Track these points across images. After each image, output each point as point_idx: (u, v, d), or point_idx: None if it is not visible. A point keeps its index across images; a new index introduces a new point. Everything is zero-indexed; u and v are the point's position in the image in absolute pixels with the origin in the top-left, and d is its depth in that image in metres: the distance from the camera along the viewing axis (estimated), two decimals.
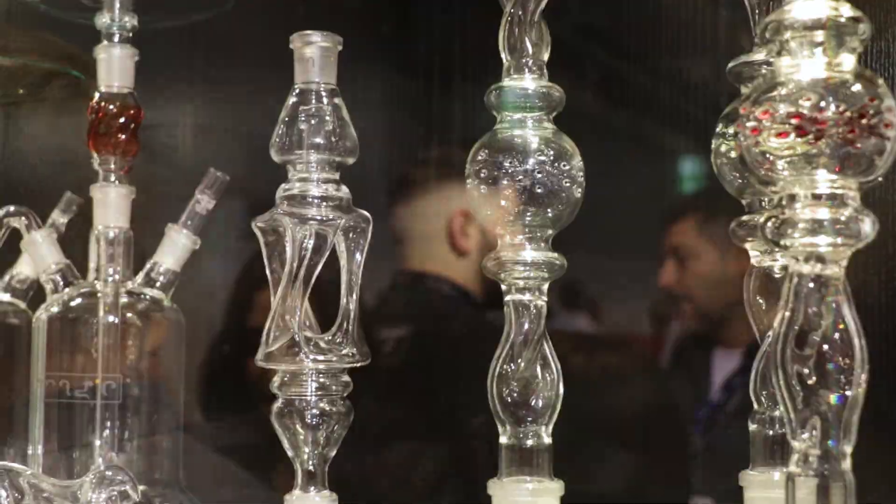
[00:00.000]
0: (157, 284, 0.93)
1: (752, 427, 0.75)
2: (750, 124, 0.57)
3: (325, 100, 0.77)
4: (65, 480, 0.77)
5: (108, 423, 0.90)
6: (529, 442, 0.72)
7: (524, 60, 0.74)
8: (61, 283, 0.94)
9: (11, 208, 0.95)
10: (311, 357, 0.75)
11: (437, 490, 1.12)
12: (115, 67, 0.93)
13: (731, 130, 0.75)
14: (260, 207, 1.07)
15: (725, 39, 1.07)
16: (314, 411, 0.76)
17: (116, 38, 0.93)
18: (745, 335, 1.05)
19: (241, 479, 1.08)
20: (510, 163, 0.72)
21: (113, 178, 0.93)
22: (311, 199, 0.76)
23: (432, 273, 1.19)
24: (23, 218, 0.96)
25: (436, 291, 1.18)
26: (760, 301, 0.76)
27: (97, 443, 0.89)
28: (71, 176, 1.21)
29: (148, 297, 0.93)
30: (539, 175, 0.71)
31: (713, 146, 0.76)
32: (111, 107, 0.92)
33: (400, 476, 1.09)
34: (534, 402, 0.72)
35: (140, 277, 0.93)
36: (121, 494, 0.74)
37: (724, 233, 0.91)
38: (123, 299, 0.91)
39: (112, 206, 0.93)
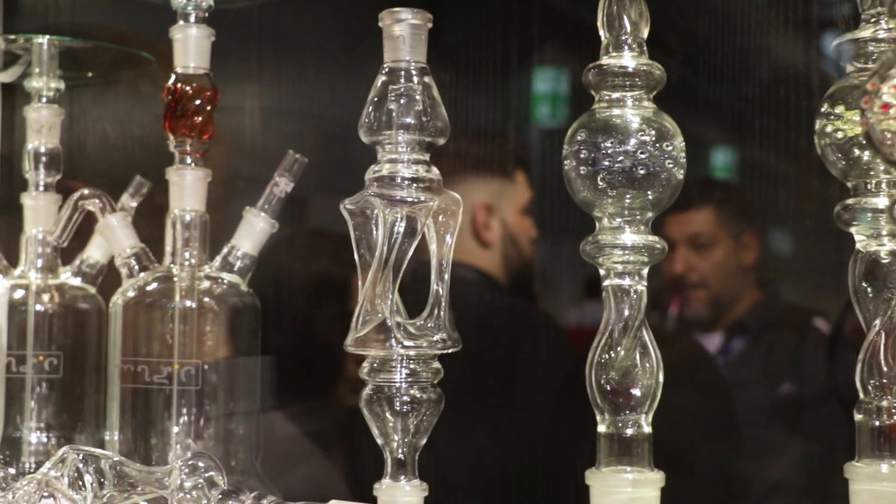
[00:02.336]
0: (235, 269, 0.91)
1: (858, 417, 0.73)
2: (880, 101, 0.54)
3: (415, 78, 0.75)
4: (151, 467, 0.75)
5: (185, 410, 0.89)
6: (629, 431, 0.70)
7: (623, 37, 0.71)
8: (136, 267, 0.93)
9: (86, 191, 0.94)
10: (402, 343, 0.73)
11: (476, 473, 1.10)
12: (191, 48, 0.91)
13: (837, 110, 0.72)
14: (328, 191, 1.06)
15: (756, 23, 1.04)
16: (404, 398, 0.74)
17: (192, 19, 0.92)
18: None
19: (316, 466, 1.07)
20: (610, 143, 0.70)
21: (189, 161, 0.92)
22: (400, 181, 0.74)
23: (457, 261, 1.17)
24: (97, 201, 0.94)
25: (461, 278, 1.16)
26: (866, 287, 0.73)
27: (174, 429, 0.88)
28: (138, 160, 1.20)
29: (225, 281, 0.91)
30: (641, 156, 0.69)
31: (817, 127, 0.74)
32: (187, 88, 0.91)
33: (446, 459, 1.07)
34: (633, 390, 0.70)
35: (217, 261, 0.92)
36: (208, 482, 0.72)
37: (738, 222, 0.89)
38: (201, 284, 0.90)
39: (188, 188, 0.92)
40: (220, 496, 0.71)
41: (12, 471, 0.91)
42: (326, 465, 1.07)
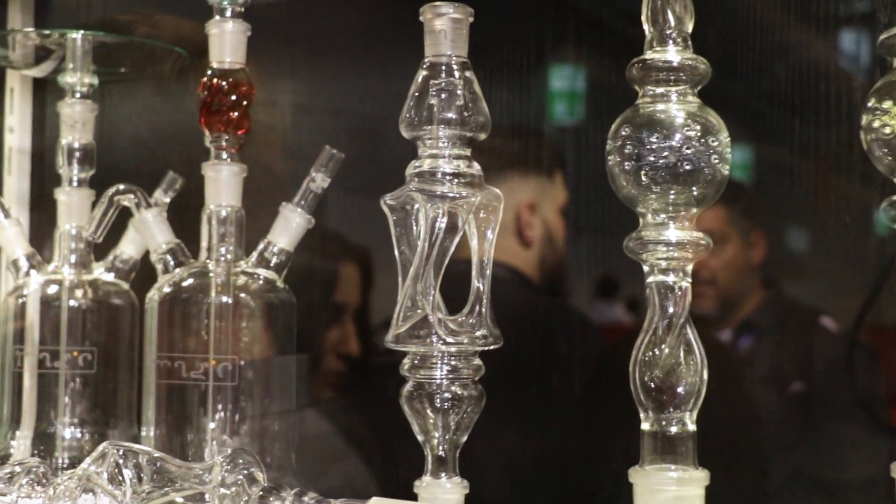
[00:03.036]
0: (271, 264, 0.91)
1: None
2: None
3: (456, 73, 0.74)
4: (191, 462, 0.75)
5: (220, 406, 0.88)
6: (673, 429, 0.69)
7: (667, 32, 0.71)
8: (172, 262, 0.92)
9: (121, 186, 0.94)
10: (443, 339, 0.72)
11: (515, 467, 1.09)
12: (226, 43, 0.91)
13: (884, 105, 0.71)
14: (360, 186, 1.06)
15: (776, 19, 1.03)
16: (445, 395, 0.73)
17: (228, 13, 0.91)
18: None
19: (351, 462, 1.07)
20: (655, 139, 0.69)
21: (225, 156, 0.91)
22: (441, 176, 0.74)
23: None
24: (132, 196, 0.94)
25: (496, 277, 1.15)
26: None
27: (210, 426, 0.88)
28: (168, 155, 1.20)
29: (261, 277, 0.91)
30: (687, 151, 0.68)
31: (863, 122, 0.73)
32: (223, 83, 0.91)
33: (480, 456, 1.07)
34: (677, 387, 0.70)
35: (253, 257, 0.91)
36: (248, 478, 0.72)
37: (747, 219, 0.87)
38: (237, 280, 0.89)
39: (224, 184, 0.91)
40: (261, 493, 0.71)
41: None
42: (358, 463, 1.07)
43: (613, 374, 0.98)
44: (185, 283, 0.90)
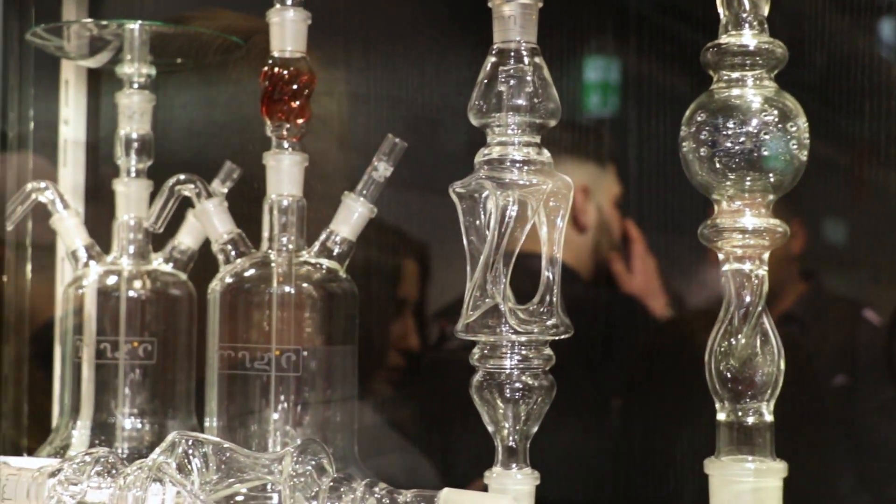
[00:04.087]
0: (334, 254, 0.90)
1: None
2: None
3: (525, 59, 0.73)
4: (261, 453, 0.75)
5: (283, 396, 0.88)
6: (750, 419, 0.68)
7: (743, 15, 0.69)
8: (233, 253, 0.92)
9: (182, 177, 0.93)
10: (513, 329, 0.71)
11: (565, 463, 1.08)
12: (287, 32, 0.90)
13: None
14: (416, 175, 1.05)
15: (812, 8, 1.01)
16: (516, 385, 0.72)
17: (289, 2, 0.91)
18: None
19: (409, 454, 1.06)
20: (732, 124, 0.68)
21: (286, 146, 0.91)
22: (511, 164, 0.73)
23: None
24: (193, 186, 0.93)
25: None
26: None
27: (274, 416, 0.87)
28: (225, 145, 1.20)
29: (324, 266, 0.90)
30: (765, 137, 0.67)
31: None
32: (284, 72, 0.90)
33: (540, 448, 1.06)
34: (754, 377, 0.68)
35: (316, 247, 0.91)
36: (317, 468, 0.71)
37: (786, 209, 0.86)
38: (299, 269, 0.89)
39: (285, 173, 0.91)
40: (332, 483, 0.70)
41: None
42: (416, 454, 1.06)
43: (674, 364, 0.98)
44: (246, 274, 0.90)
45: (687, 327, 1.00)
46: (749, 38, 0.69)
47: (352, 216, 0.90)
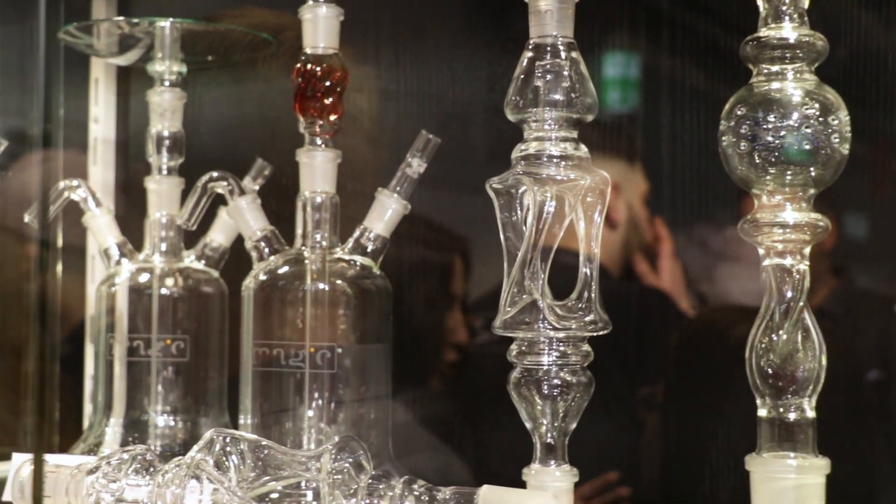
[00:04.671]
0: (368, 251, 0.90)
1: None
2: None
3: (562, 54, 0.73)
4: (298, 450, 0.75)
5: (317, 394, 0.88)
6: (792, 415, 0.68)
7: (783, 7, 0.69)
8: (266, 250, 0.92)
9: (215, 174, 0.93)
10: (552, 325, 0.71)
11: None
12: (320, 28, 0.90)
13: None
14: (447, 171, 1.04)
15: (833, 2, 1.00)
16: (554, 381, 0.72)
17: None
18: None
19: (442, 451, 1.06)
20: (772, 118, 0.67)
21: (319, 142, 0.90)
22: (547, 159, 0.72)
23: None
24: (225, 183, 0.93)
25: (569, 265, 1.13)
26: None
27: (309, 413, 0.87)
28: (254, 143, 1.19)
29: (358, 263, 0.90)
30: (807, 130, 0.67)
31: None
32: (317, 69, 0.90)
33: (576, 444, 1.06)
34: (795, 373, 0.68)
35: (350, 244, 0.91)
36: (355, 465, 0.71)
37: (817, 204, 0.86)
38: (333, 266, 0.89)
39: (318, 170, 0.90)
40: (370, 480, 0.70)
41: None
42: (449, 452, 1.06)
43: (708, 361, 0.97)
44: (280, 271, 0.90)
45: (721, 323, 0.99)
46: (789, 30, 0.69)
47: (385, 213, 0.90)
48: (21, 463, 0.77)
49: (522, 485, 0.72)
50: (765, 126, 0.67)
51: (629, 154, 1.14)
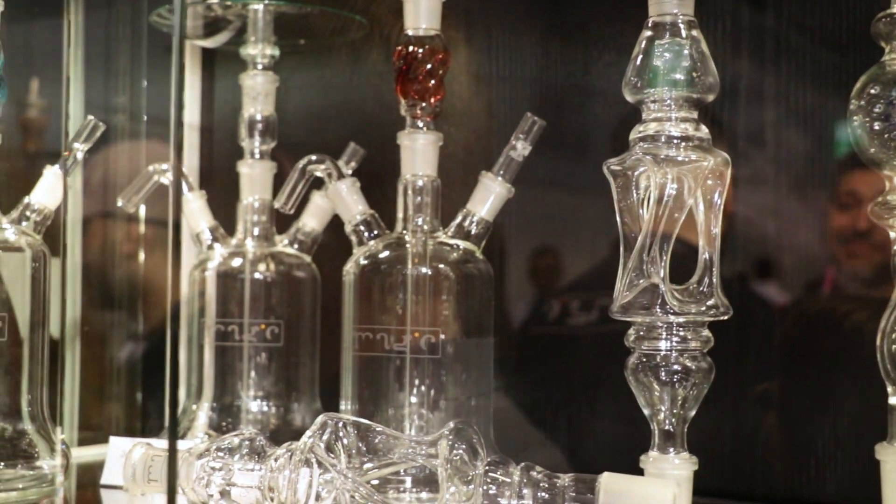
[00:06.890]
0: (471, 235, 0.89)
1: None
2: None
3: (682, 32, 0.71)
4: (411, 435, 0.74)
5: (418, 380, 0.87)
6: None
7: None
8: (366, 234, 0.91)
9: (314, 157, 0.92)
10: (673, 309, 0.69)
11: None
12: (422, 8, 0.89)
13: None
14: (544, 155, 1.02)
15: None
16: (674, 367, 0.71)
17: None
18: None
19: (541, 439, 1.04)
20: None
21: (420, 125, 0.89)
22: (667, 140, 0.71)
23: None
24: (324, 166, 0.92)
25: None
26: None
27: (412, 399, 0.86)
28: (345, 127, 1.18)
29: (460, 247, 0.89)
30: None
31: None
32: (419, 51, 0.88)
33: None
34: None
35: (452, 227, 0.89)
36: (470, 451, 0.70)
37: None
38: (435, 250, 0.88)
39: (420, 153, 0.89)
40: (487, 466, 0.69)
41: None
42: (546, 439, 1.05)
43: (817, 351, 0.94)
44: (381, 255, 0.89)
45: (833, 313, 0.97)
46: None
47: (489, 196, 0.89)
48: (132, 446, 0.76)
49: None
50: None
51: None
